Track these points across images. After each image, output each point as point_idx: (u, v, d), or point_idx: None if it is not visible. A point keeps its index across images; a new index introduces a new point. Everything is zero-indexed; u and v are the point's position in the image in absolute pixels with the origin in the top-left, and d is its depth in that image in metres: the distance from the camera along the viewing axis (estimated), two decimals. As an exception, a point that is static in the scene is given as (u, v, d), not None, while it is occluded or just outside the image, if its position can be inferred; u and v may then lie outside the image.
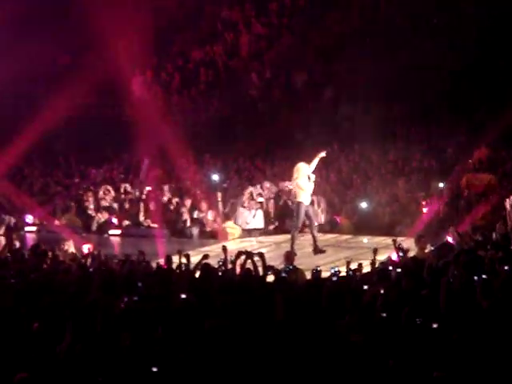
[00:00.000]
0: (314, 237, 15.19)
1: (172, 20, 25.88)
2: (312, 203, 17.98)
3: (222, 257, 11.33)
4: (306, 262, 13.60)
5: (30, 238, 17.58)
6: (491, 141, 18.29)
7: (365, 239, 15.88)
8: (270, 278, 10.58)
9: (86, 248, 13.33)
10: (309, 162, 15.13)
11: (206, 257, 10.98)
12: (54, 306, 8.91)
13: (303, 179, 14.99)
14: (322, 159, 15.48)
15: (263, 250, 12.16)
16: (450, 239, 13.06)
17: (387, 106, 20.87)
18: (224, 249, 11.49)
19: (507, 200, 14.45)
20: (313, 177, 15.02)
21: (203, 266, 10.75)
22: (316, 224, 15.44)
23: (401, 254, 11.41)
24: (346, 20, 23.47)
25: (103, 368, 7.33)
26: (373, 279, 10.16)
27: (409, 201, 17.14)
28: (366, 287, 9.43)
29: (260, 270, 10.77)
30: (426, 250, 12.84)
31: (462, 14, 21.55)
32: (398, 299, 8.48)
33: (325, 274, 10.68)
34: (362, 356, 7.07)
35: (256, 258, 10.88)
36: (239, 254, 10.93)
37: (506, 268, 9.74)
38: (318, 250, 15.03)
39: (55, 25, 24.83)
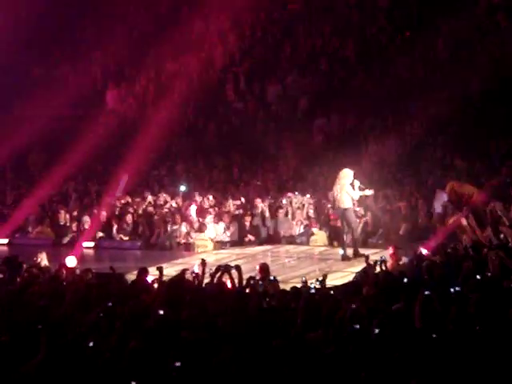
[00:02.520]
0: (354, 241, 15.41)
1: (146, 32, 25.84)
2: (286, 214, 18.09)
3: (196, 269, 11.28)
4: (280, 273, 13.54)
5: (2, 251, 17.40)
6: (463, 152, 18.40)
7: (340, 251, 15.91)
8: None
9: (71, 260, 13.19)
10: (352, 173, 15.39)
11: (184, 272, 10.96)
12: (26, 319, 8.82)
13: (349, 185, 15.19)
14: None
15: (239, 262, 12.12)
16: (423, 251, 13.07)
17: (361, 117, 20.94)
18: (203, 262, 11.43)
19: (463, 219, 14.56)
20: (357, 184, 15.29)
21: (176, 279, 10.72)
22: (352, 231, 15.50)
23: (378, 268, 11.36)
24: (318, 32, 23.53)
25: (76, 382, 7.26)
26: (349, 291, 10.16)
27: (383, 212, 17.14)
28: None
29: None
30: (401, 262, 12.86)
31: (436, 28, 21.67)
32: (369, 312, 8.46)
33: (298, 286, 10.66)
34: (333, 368, 7.05)
35: (233, 271, 10.86)
36: (218, 267, 10.90)
37: (478, 277, 9.78)
38: (358, 254, 15.04)
39: (29, 36, 24.75)
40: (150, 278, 11.32)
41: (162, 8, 26.37)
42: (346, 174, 15.38)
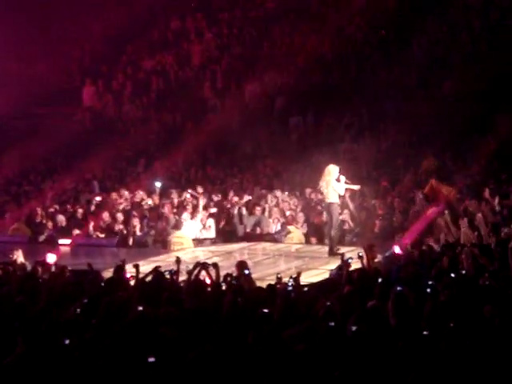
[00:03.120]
0: (330, 239, 15.50)
1: (123, 29, 25.82)
2: (263, 212, 18.15)
3: (173, 267, 11.32)
4: (257, 270, 13.60)
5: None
6: (437, 151, 18.55)
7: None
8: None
9: (51, 258, 13.16)
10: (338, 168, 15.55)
11: (156, 269, 10.98)
12: (2, 316, 8.82)
13: (334, 181, 15.42)
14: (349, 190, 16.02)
15: (215, 260, 12.16)
16: (396, 249, 13.16)
17: (338, 115, 21.04)
18: (177, 260, 11.49)
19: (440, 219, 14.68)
20: (343, 179, 15.48)
21: (155, 276, 10.75)
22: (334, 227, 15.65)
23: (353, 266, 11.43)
24: (295, 30, 23.63)
25: (53, 379, 7.28)
26: (324, 289, 10.23)
27: (360, 209, 17.23)
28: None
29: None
30: (376, 260, 12.93)
31: (412, 27, 21.84)
32: (345, 310, 8.53)
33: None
34: (305, 366, 7.10)
35: (210, 268, 10.91)
36: (196, 264, 10.95)
37: (452, 275, 9.88)
38: (333, 252, 15.20)
39: (7, 33, 24.64)
40: (127, 275, 11.33)
41: (138, 5, 26.36)
42: (332, 170, 15.62)
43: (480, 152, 18.48)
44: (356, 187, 16.07)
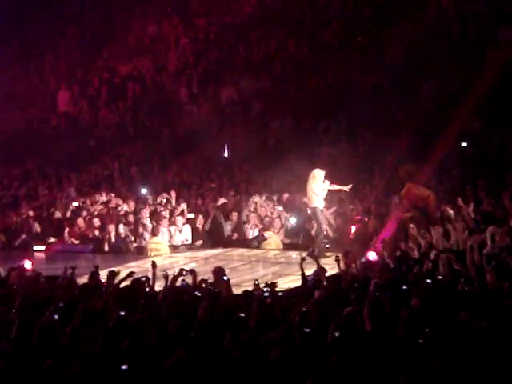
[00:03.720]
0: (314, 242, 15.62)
1: (98, 33, 25.72)
2: (240, 218, 18.09)
3: (148, 273, 11.25)
4: (233, 276, 13.52)
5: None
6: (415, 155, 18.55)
7: (294, 254, 15.93)
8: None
9: (28, 264, 13.03)
10: (325, 175, 15.71)
11: (131, 274, 10.91)
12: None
13: (318, 185, 15.59)
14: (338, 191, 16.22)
15: (191, 266, 12.10)
16: (370, 256, 13.14)
17: (315, 120, 21.03)
18: (153, 265, 11.42)
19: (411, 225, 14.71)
20: (327, 184, 15.64)
21: (133, 281, 10.69)
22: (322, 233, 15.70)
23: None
24: (272, 34, 23.63)
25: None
26: (300, 294, 10.18)
27: (336, 215, 17.21)
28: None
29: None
30: (353, 265, 12.90)
31: (388, 33, 21.90)
32: (321, 316, 8.49)
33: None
34: (280, 373, 7.05)
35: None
36: (180, 271, 10.89)
37: (428, 281, 9.87)
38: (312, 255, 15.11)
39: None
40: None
41: (114, 9, 26.27)
42: (316, 175, 15.68)
43: (457, 157, 18.55)
44: (346, 188, 16.10)
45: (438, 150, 18.75)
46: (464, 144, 18.87)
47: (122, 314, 8.54)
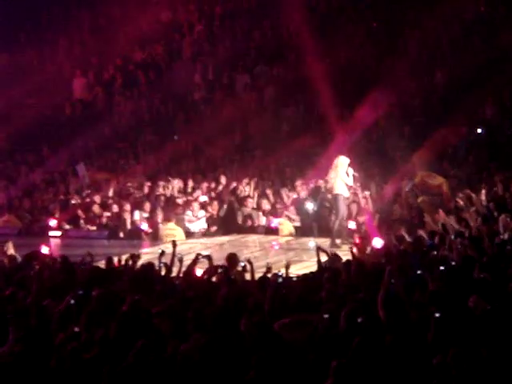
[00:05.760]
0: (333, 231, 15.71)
1: (113, 20, 25.72)
2: (253, 205, 18.15)
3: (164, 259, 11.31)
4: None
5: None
6: (430, 144, 18.54)
7: (311, 242, 16.02)
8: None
9: (44, 249, 13.14)
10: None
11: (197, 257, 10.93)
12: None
13: (344, 172, 15.62)
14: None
15: (205, 252, 12.15)
16: (377, 243, 13.21)
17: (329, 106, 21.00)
18: (173, 244, 11.45)
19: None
20: (351, 172, 15.77)
21: (145, 267, 10.78)
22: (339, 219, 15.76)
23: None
24: (286, 22, 23.58)
25: (44, 371, 7.28)
26: (315, 280, 10.23)
27: (349, 203, 17.22)
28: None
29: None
30: (367, 252, 12.98)
31: (403, 18, 21.88)
32: (339, 302, 8.55)
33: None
34: (295, 357, 7.14)
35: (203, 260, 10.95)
36: (197, 256, 10.94)
37: (441, 268, 9.91)
38: (335, 245, 15.32)
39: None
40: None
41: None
42: (342, 162, 15.74)
43: (473, 143, 18.53)
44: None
45: (452, 137, 18.76)
46: (479, 130, 18.83)
47: (137, 298, 8.62)
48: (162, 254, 11.34)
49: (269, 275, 10.49)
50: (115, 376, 6.95)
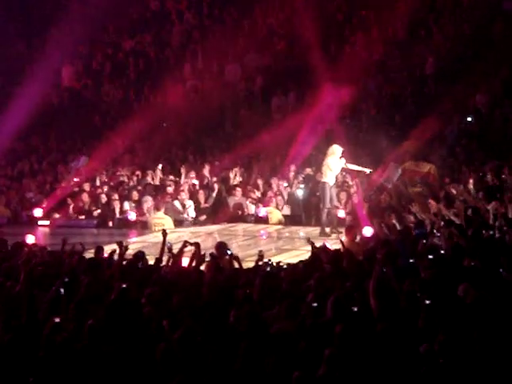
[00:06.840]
0: (321, 220, 15.59)
1: (102, 9, 25.55)
2: (243, 193, 18.10)
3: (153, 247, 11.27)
4: (236, 252, 13.53)
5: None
6: (420, 133, 18.52)
7: (301, 232, 15.97)
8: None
9: (30, 239, 13.08)
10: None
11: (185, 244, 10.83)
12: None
13: (334, 160, 15.50)
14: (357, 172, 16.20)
15: (195, 241, 12.07)
16: (367, 231, 13.19)
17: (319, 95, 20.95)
18: (164, 234, 11.36)
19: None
20: (342, 162, 15.56)
21: (136, 255, 10.73)
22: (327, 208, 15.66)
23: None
24: (275, 11, 23.52)
25: (34, 362, 7.25)
26: (305, 269, 10.20)
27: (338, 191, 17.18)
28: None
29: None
30: (356, 240, 12.95)
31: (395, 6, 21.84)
32: (326, 290, 8.52)
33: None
34: (284, 346, 7.11)
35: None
36: (184, 243, 10.84)
37: (430, 257, 9.89)
38: (324, 234, 15.29)
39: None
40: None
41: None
42: (335, 150, 15.60)
43: (461, 133, 18.53)
44: (367, 170, 16.15)
45: (442, 125, 18.75)
46: (469, 119, 18.82)
47: (124, 286, 8.57)
48: (165, 234, 11.16)
49: (260, 263, 10.47)
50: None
